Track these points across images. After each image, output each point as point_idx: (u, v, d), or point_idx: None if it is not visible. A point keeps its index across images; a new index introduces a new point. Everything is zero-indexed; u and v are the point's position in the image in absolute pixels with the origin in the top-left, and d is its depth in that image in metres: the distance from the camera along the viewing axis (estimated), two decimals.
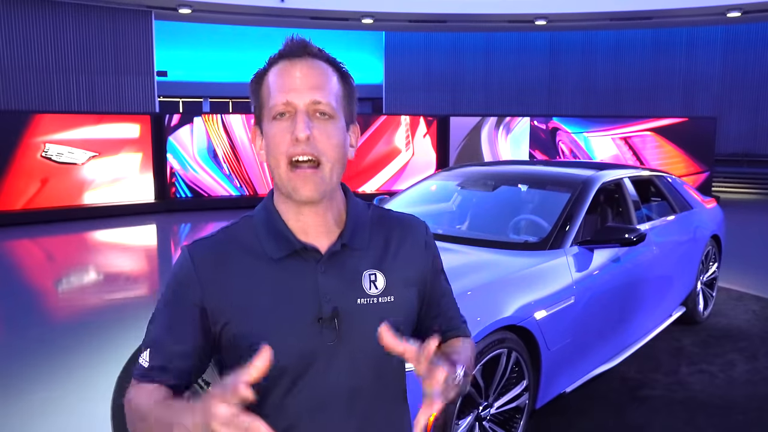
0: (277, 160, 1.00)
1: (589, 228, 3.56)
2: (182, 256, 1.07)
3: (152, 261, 7.46)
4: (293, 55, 1.03)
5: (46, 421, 3.17)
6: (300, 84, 1.00)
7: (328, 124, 1.01)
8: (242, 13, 13.59)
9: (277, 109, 1.00)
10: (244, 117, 11.48)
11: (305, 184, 0.99)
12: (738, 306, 5.27)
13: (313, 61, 1.03)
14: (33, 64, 12.27)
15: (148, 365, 1.05)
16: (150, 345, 1.06)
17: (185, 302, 1.05)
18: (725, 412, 3.31)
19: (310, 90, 1.00)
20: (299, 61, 1.02)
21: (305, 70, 1.01)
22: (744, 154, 16.36)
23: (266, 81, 1.04)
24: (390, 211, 1.18)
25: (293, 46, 1.03)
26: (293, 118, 0.99)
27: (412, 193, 4.25)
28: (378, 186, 12.19)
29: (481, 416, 2.60)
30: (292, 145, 0.98)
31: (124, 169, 10.60)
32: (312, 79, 1.01)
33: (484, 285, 2.70)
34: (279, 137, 1.00)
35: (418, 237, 1.15)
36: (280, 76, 1.01)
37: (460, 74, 17.70)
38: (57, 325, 4.81)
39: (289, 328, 1.01)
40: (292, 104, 0.99)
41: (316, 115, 1.00)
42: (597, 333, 3.32)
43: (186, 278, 1.05)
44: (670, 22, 15.24)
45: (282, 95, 1.00)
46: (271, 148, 1.01)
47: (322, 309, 1.02)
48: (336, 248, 1.05)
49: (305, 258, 1.04)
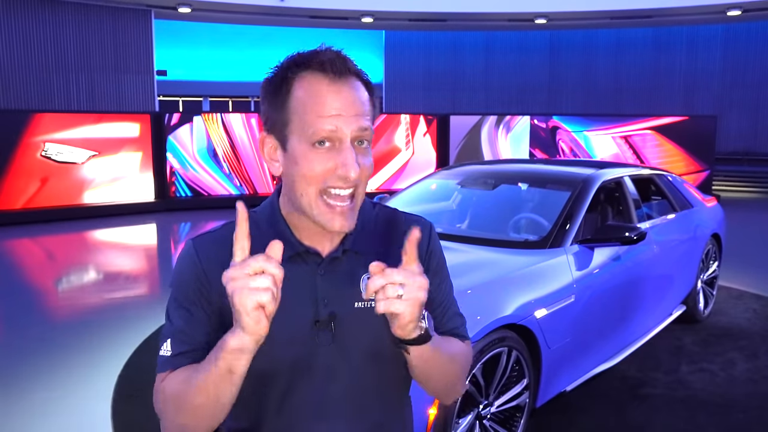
0: (306, 185, 0.94)
1: (590, 226, 3.55)
2: (187, 249, 1.06)
3: (152, 260, 7.46)
4: (335, 72, 0.93)
5: (46, 421, 3.17)
6: (347, 110, 0.92)
7: (367, 153, 0.96)
8: (242, 12, 13.59)
9: (320, 135, 0.92)
10: (244, 116, 11.48)
11: (340, 221, 0.95)
12: (738, 305, 5.27)
13: (355, 81, 0.95)
14: (33, 63, 12.27)
15: (170, 353, 1.01)
16: (169, 336, 1.04)
17: (194, 292, 1.04)
18: (726, 411, 3.31)
19: (356, 117, 0.93)
20: (342, 81, 0.94)
21: (350, 93, 0.93)
22: (744, 153, 16.36)
23: (296, 93, 0.94)
24: (396, 211, 1.15)
25: (336, 62, 0.94)
26: (337, 148, 0.93)
27: (413, 191, 4.25)
28: (378, 185, 12.19)
29: (481, 415, 2.59)
30: (333, 177, 0.93)
31: (124, 168, 10.59)
32: (357, 104, 0.94)
33: (485, 284, 2.69)
34: (318, 164, 0.93)
35: (422, 238, 1.12)
36: (322, 96, 0.92)
37: (460, 73, 17.70)
38: (57, 324, 4.81)
39: (286, 331, 0.99)
40: (339, 132, 0.92)
41: (356, 144, 0.94)
42: (597, 331, 3.31)
43: (191, 270, 1.04)
44: (670, 20, 15.23)
45: (328, 121, 0.91)
46: (305, 174, 0.94)
47: (319, 312, 1.01)
48: (337, 254, 1.03)
49: (306, 261, 1.03)
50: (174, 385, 0.98)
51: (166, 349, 1.03)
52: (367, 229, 1.08)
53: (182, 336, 1.02)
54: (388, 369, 1.08)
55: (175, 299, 1.06)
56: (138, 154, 10.68)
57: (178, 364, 1.00)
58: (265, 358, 0.98)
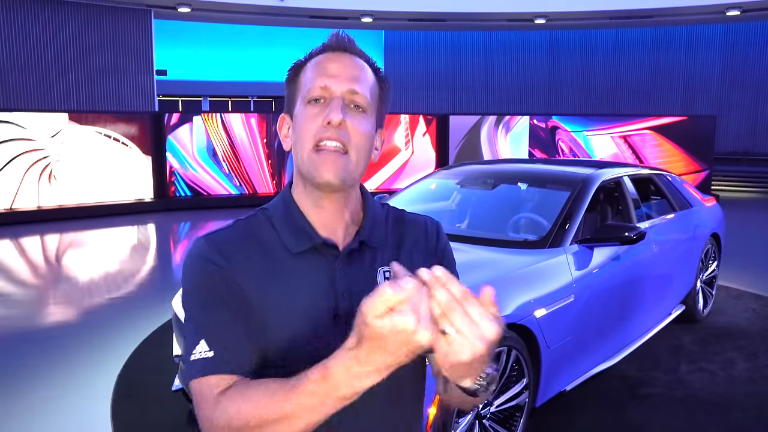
0: (303, 142, 0.98)
1: (589, 226, 3.56)
2: (199, 245, 1.00)
3: (152, 260, 7.46)
4: (338, 48, 1.02)
5: (46, 421, 3.17)
6: (340, 72, 0.99)
7: (361, 116, 1.00)
8: (242, 11, 13.59)
9: (313, 93, 0.98)
10: (244, 116, 11.48)
11: (329, 166, 0.96)
12: (737, 304, 5.27)
13: (357, 58, 1.02)
14: (32, 63, 12.27)
15: (213, 354, 0.91)
16: (202, 335, 0.93)
17: (216, 282, 0.96)
18: (725, 410, 3.31)
19: (349, 80, 0.99)
20: (342, 54, 1.02)
21: (347, 61, 1.01)
22: (743, 153, 16.37)
23: (305, 69, 1.03)
24: (404, 212, 1.17)
25: (339, 41, 1.03)
26: (328, 103, 0.98)
27: (412, 191, 4.25)
28: (378, 184, 12.19)
29: (481, 414, 2.60)
30: (323, 129, 0.97)
31: (124, 167, 10.59)
32: (353, 70, 1.00)
33: (484, 283, 2.69)
34: (310, 120, 0.98)
35: (431, 237, 1.14)
36: (320, 64, 1.01)
37: (459, 73, 17.70)
38: (56, 324, 4.81)
39: (306, 323, 0.99)
40: (330, 90, 0.98)
41: (351, 106, 0.99)
42: (597, 331, 3.32)
43: (209, 263, 0.98)
44: (669, 20, 15.24)
45: (320, 80, 0.98)
46: (300, 130, 0.99)
47: (338, 305, 1.00)
48: (354, 245, 1.03)
49: (323, 253, 1.02)
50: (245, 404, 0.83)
51: (202, 352, 0.91)
52: (380, 226, 1.09)
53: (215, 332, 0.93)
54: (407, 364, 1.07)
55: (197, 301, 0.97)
56: (138, 154, 10.67)
57: (224, 366, 0.90)
58: (284, 352, 0.97)
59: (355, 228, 1.06)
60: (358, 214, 1.08)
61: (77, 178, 10.13)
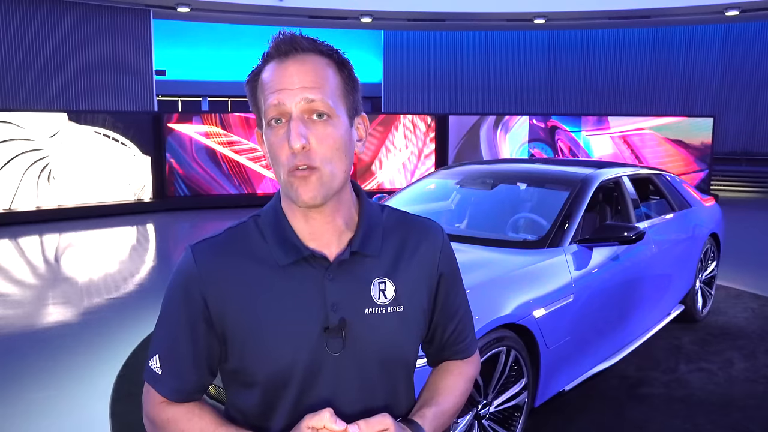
0: (276, 166, 0.96)
1: (588, 226, 3.56)
2: (186, 257, 1.03)
3: (151, 260, 7.46)
4: (281, 53, 0.95)
5: (45, 421, 3.17)
6: (290, 83, 0.93)
7: (327, 125, 0.94)
8: (241, 11, 13.58)
9: (270, 114, 0.94)
10: (243, 116, 11.47)
11: (305, 188, 0.93)
12: (737, 304, 5.28)
13: (305, 56, 0.95)
14: (31, 63, 12.25)
15: (161, 373, 1.03)
16: (159, 350, 1.03)
17: (190, 303, 1.01)
18: (724, 410, 3.31)
19: (301, 90, 0.92)
20: (288, 59, 0.95)
21: (295, 67, 0.94)
22: (742, 153, 16.37)
23: (260, 81, 0.98)
24: (406, 214, 1.13)
25: (281, 44, 0.96)
26: (287, 123, 0.93)
27: (411, 191, 4.25)
28: (377, 185, 12.19)
29: (480, 414, 2.60)
30: (291, 157, 0.93)
31: (123, 167, 10.58)
32: (303, 77, 0.93)
33: (483, 283, 2.70)
34: (277, 146, 0.94)
35: (434, 243, 1.10)
36: (270, 80, 0.95)
37: (458, 73, 17.70)
38: (56, 324, 4.81)
39: (295, 338, 0.97)
40: (285, 107, 0.93)
41: (312, 118, 0.93)
42: (596, 331, 3.32)
43: (188, 279, 1.01)
44: (668, 20, 15.24)
45: (272, 97, 0.93)
46: (272, 155, 0.96)
47: (328, 318, 0.98)
48: (345, 256, 1.00)
49: (313, 265, 1.00)
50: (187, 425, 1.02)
51: (155, 365, 1.04)
52: (375, 232, 1.05)
53: (172, 352, 1.03)
54: (399, 376, 1.06)
55: (169, 303, 1.03)
56: (137, 154, 10.67)
57: (169, 387, 1.03)
58: (274, 366, 0.97)
59: (349, 235, 1.03)
60: (353, 219, 1.05)
61: (76, 178, 10.13)
